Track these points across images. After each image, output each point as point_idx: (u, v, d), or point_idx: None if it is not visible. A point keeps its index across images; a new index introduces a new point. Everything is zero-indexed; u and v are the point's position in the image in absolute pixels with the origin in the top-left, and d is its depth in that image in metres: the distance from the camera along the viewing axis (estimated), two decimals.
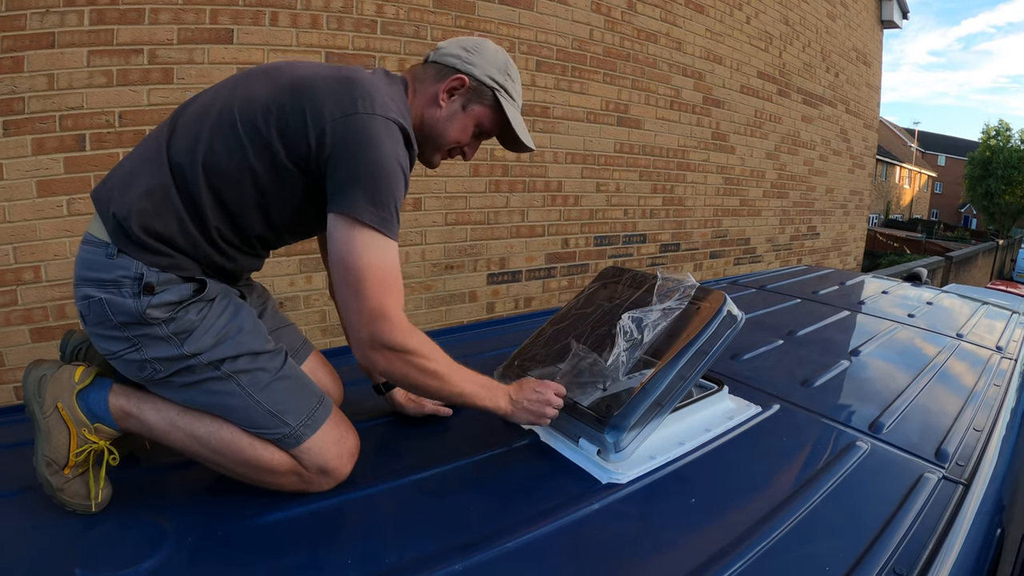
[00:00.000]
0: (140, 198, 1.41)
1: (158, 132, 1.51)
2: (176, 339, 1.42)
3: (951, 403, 2.10)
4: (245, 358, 1.48)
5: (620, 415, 1.61)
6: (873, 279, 4.44)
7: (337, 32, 3.93)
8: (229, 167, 1.44)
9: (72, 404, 1.44)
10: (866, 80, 10.20)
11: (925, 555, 1.28)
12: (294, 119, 1.42)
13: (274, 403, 1.48)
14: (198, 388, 1.46)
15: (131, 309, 1.39)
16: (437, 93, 1.63)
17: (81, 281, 1.43)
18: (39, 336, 3.25)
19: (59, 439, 1.41)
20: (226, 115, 1.45)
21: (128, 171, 1.47)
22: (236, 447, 1.46)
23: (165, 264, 1.42)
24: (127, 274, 1.39)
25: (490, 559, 1.25)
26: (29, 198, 3.10)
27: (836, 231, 10.13)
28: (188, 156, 1.44)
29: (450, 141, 1.69)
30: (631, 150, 5.88)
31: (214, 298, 1.49)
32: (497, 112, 1.69)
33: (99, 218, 1.45)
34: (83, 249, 1.45)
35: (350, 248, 1.39)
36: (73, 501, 1.39)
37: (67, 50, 3.11)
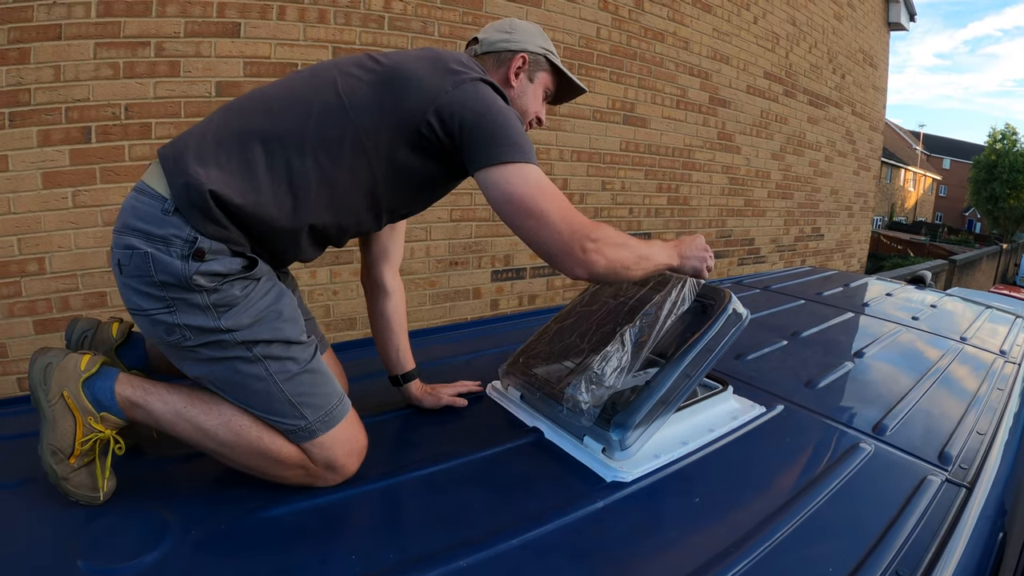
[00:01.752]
0: (222, 168, 1.40)
1: (243, 108, 1.52)
2: (214, 311, 1.40)
3: (954, 406, 2.10)
4: (278, 345, 1.47)
5: (625, 413, 1.61)
6: (877, 281, 4.44)
7: (344, 27, 3.93)
8: (341, 152, 1.49)
9: (78, 392, 1.42)
10: (872, 82, 10.18)
11: (928, 558, 1.28)
12: (409, 105, 1.50)
13: (297, 394, 1.48)
14: (223, 364, 1.45)
15: (177, 270, 1.36)
16: (507, 77, 1.78)
17: (127, 229, 1.40)
18: (43, 328, 3.25)
19: (65, 428, 1.40)
20: (332, 101, 1.50)
21: (211, 141, 1.44)
22: (245, 439, 1.46)
23: (219, 235, 1.39)
24: (180, 234, 1.36)
25: (494, 556, 1.26)
26: (34, 190, 3.11)
27: (840, 233, 10.12)
28: (295, 134, 1.47)
29: (532, 113, 1.85)
30: (637, 149, 5.88)
31: (260, 278, 1.48)
32: (554, 73, 1.86)
33: (162, 173, 1.41)
34: (135, 198, 1.43)
35: (513, 187, 1.47)
36: (78, 491, 1.39)
37: (74, 42, 3.11)
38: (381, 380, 2.01)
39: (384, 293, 1.98)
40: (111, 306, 3.39)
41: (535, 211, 1.46)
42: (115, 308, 3.39)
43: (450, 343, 2.63)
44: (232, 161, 1.42)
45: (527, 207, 1.46)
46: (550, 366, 1.92)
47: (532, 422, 1.84)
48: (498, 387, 2.06)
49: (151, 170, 1.45)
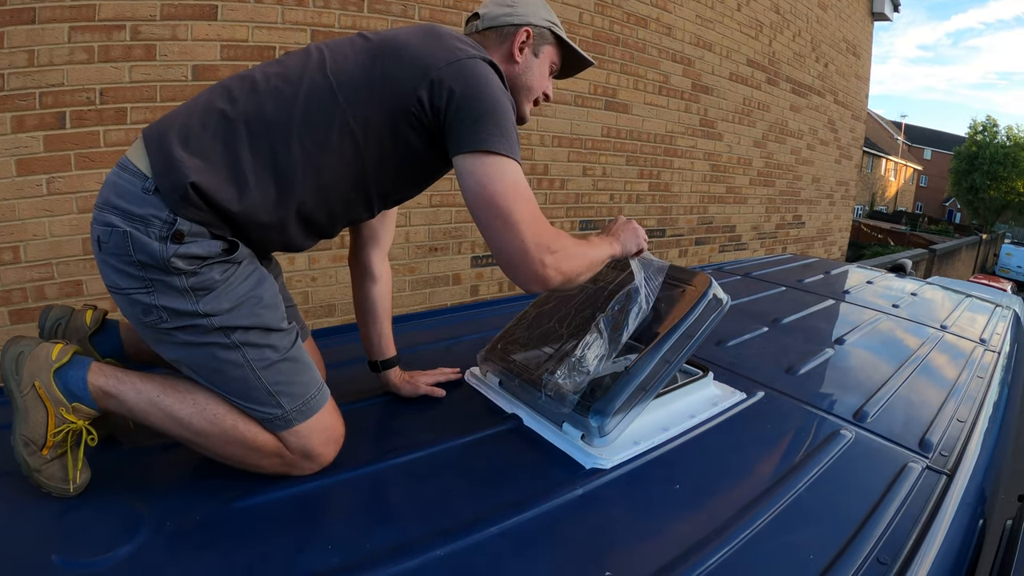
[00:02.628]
0: (205, 157, 1.37)
1: (230, 90, 1.46)
2: (193, 294, 1.37)
3: (935, 394, 2.10)
4: (257, 332, 1.44)
5: (605, 399, 1.60)
6: (858, 269, 4.46)
7: (323, 10, 3.88)
8: (328, 135, 1.44)
9: (49, 382, 1.38)
10: (855, 71, 10.21)
11: (909, 544, 1.28)
12: (399, 79, 1.45)
13: (275, 383, 1.45)
14: (201, 349, 1.42)
15: (154, 251, 1.33)
16: (511, 52, 1.70)
17: (107, 206, 1.37)
18: (18, 317, 3.20)
19: (37, 418, 1.37)
20: (319, 82, 1.46)
21: (196, 123, 1.40)
22: (220, 428, 1.44)
23: (199, 219, 1.35)
24: (159, 215, 1.33)
25: (473, 544, 1.24)
26: (8, 177, 3.05)
27: (821, 221, 10.16)
28: (281, 118, 1.42)
29: (538, 89, 1.78)
30: (618, 135, 5.86)
31: (241, 261, 1.45)
32: (559, 46, 1.80)
33: (145, 151, 1.38)
34: (117, 174, 1.39)
35: (489, 181, 1.42)
36: (51, 483, 1.36)
37: (48, 26, 3.05)
38: (360, 367, 1.99)
39: (371, 278, 1.95)
40: (88, 294, 3.34)
41: (505, 212, 1.42)
42: (92, 296, 3.35)
43: (429, 329, 2.62)
44: (216, 146, 1.38)
45: (498, 206, 1.42)
46: (529, 352, 1.90)
47: (511, 409, 1.82)
48: (477, 373, 2.04)
49: (135, 146, 1.41)
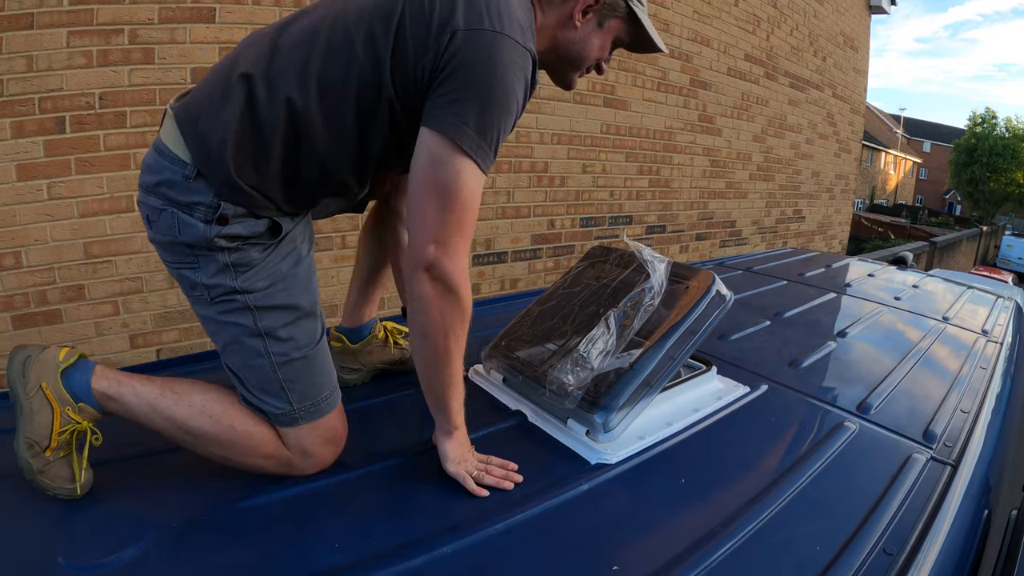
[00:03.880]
0: (233, 128, 1.32)
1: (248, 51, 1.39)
2: (233, 270, 1.39)
3: (938, 385, 2.10)
4: (286, 313, 1.45)
5: (609, 395, 1.60)
6: (859, 262, 4.46)
7: None
8: (340, 86, 1.34)
9: (57, 383, 1.39)
10: (853, 65, 10.21)
11: (914, 536, 1.28)
12: (415, 25, 1.30)
13: (289, 380, 1.45)
14: (232, 329, 1.43)
15: (199, 233, 1.34)
16: (571, 14, 1.49)
17: (151, 189, 1.38)
18: (20, 323, 3.21)
19: (42, 420, 1.36)
20: (339, 31, 1.34)
21: (219, 96, 1.35)
22: (218, 428, 1.44)
23: (243, 202, 1.36)
24: (203, 201, 1.34)
25: (479, 541, 1.25)
26: (8, 182, 3.05)
27: (822, 215, 10.16)
28: (299, 87, 1.33)
29: (591, 59, 1.59)
30: (617, 131, 5.86)
31: (281, 242, 1.45)
32: (632, 23, 1.56)
33: (179, 133, 1.35)
34: (155, 158, 1.38)
35: (444, 168, 1.30)
36: (55, 484, 1.36)
37: (46, 31, 3.05)
38: None
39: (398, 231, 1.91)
40: (89, 299, 3.35)
41: (438, 202, 1.32)
42: (94, 301, 3.37)
43: None
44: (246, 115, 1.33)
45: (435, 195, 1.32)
46: (532, 349, 1.90)
47: (515, 405, 1.82)
48: (480, 371, 2.04)
49: (169, 128, 1.38)
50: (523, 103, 1.38)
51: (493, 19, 1.29)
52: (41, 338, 3.25)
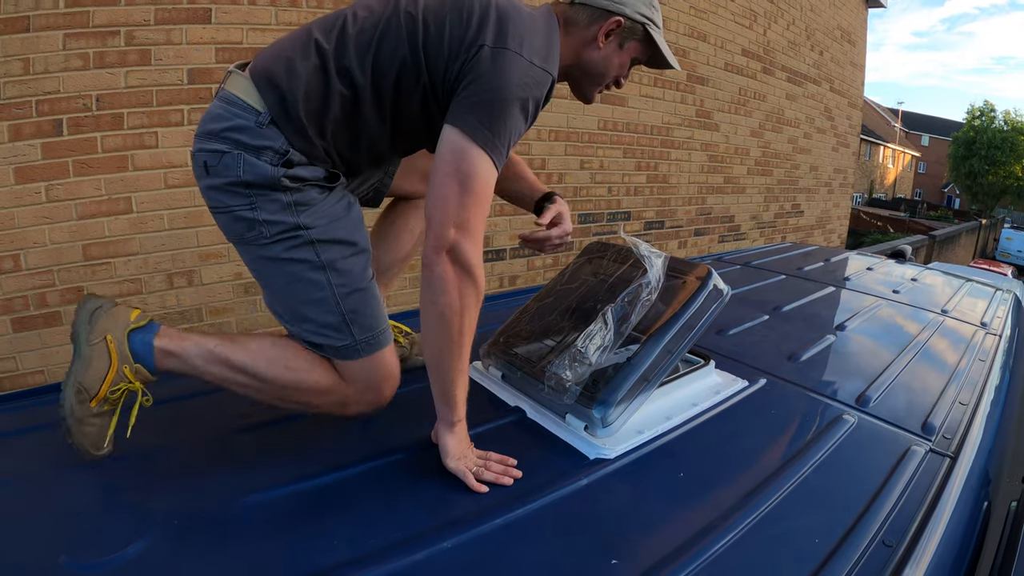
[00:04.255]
0: (307, 86, 1.48)
1: (324, 28, 1.55)
2: (294, 208, 1.52)
3: (937, 378, 2.11)
4: (345, 247, 1.59)
5: (607, 390, 1.60)
6: (858, 256, 4.46)
7: (317, 10, 3.88)
8: (387, 65, 1.51)
9: (122, 340, 1.52)
10: (850, 59, 10.20)
11: (913, 527, 1.28)
12: (454, 31, 1.48)
13: (351, 311, 1.57)
14: (292, 265, 1.55)
15: (266, 172, 1.48)
16: (595, 35, 1.66)
17: (215, 135, 1.49)
18: (20, 325, 3.21)
19: (98, 369, 1.48)
20: (394, 23, 1.51)
21: (297, 57, 1.51)
22: (276, 369, 1.58)
23: (307, 149, 1.51)
24: (273, 145, 1.48)
25: (479, 536, 1.25)
26: (7, 185, 3.05)
27: (820, 209, 10.16)
28: (360, 66, 1.50)
29: (610, 78, 1.76)
30: (615, 127, 5.86)
31: (335, 188, 1.61)
32: (648, 44, 1.73)
33: (254, 85, 1.50)
34: (223, 107, 1.52)
35: (465, 160, 1.43)
36: (84, 441, 1.46)
37: (42, 34, 3.05)
38: None
39: None
40: None
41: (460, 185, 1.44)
42: None
43: None
44: (318, 76, 1.50)
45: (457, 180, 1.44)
46: (531, 345, 1.91)
47: (514, 401, 1.83)
48: (479, 367, 2.04)
49: (237, 83, 1.52)
50: (533, 113, 1.53)
51: (516, 41, 1.46)
52: (41, 341, 3.26)
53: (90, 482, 1.45)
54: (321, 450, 1.62)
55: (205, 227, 3.62)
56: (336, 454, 1.56)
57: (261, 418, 1.76)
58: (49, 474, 1.47)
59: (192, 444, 1.61)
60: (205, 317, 3.75)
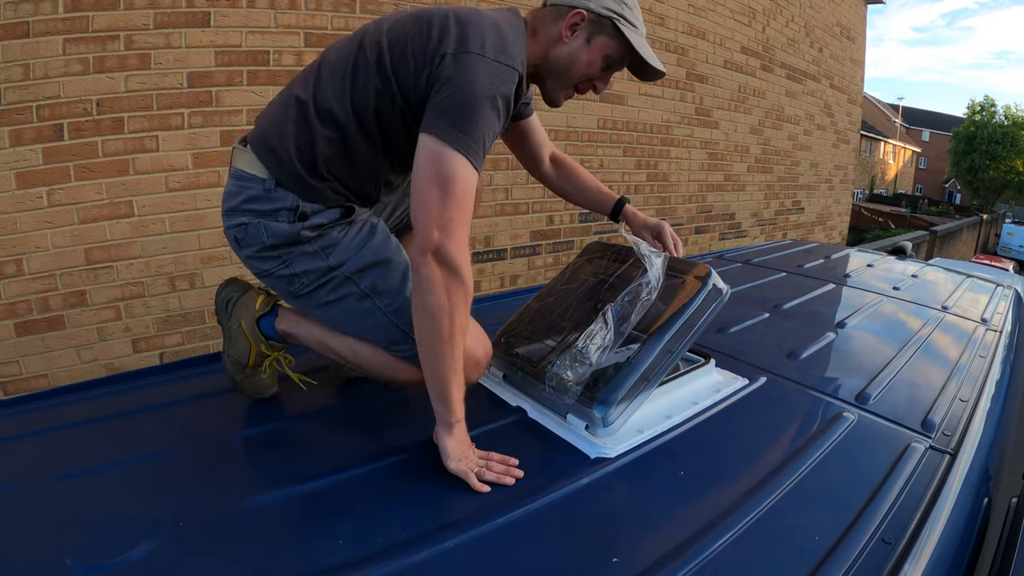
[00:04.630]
0: (297, 140, 1.61)
1: (302, 80, 1.68)
2: (323, 252, 1.66)
3: (937, 374, 2.11)
4: (380, 269, 1.70)
5: (608, 389, 1.61)
6: (858, 253, 4.46)
7: (316, 12, 3.89)
8: (362, 95, 1.60)
9: (253, 326, 1.84)
10: (850, 55, 10.20)
11: (913, 524, 1.29)
12: (416, 49, 1.53)
13: (408, 323, 1.62)
14: (341, 305, 1.71)
15: (286, 231, 1.64)
16: (560, 31, 1.67)
17: (235, 211, 1.67)
18: (24, 330, 3.22)
19: (242, 347, 1.83)
20: (362, 56, 1.60)
21: (281, 117, 1.65)
22: (374, 363, 1.77)
23: (317, 196, 1.65)
24: (285, 205, 1.63)
25: (481, 535, 1.26)
26: (8, 191, 3.05)
27: (821, 206, 10.16)
28: (340, 105, 1.61)
29: (578, 75, 1.74)
30: (614, 126, 5.86)
31: (354, 221, 1.72)
32: (620, 40, 1.69)
33: (255, 157, 1.65)
34: (236, 185, 1.68)
35: (442, 164, 1.45)
36: (252, 390, 1.87)
37: (42, 39, 3.05)
38: None
39: (556, 167, 2.25)
40: (91, 304, 3.36)
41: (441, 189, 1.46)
42: (96, 306, 3.38)
43: None
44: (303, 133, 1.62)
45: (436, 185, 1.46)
46: (532, 345, 1.92)
47: (515, 401, 1.84)
48: None
49: (240, 158, 1.68)
50: (505, 110, 1.55)
51: (477, 44, 1.50)
52: (44, 345, 3.27)
53: (95, 485, 1.45)
54: (326, 451, 1.63)
55: (206, 230, 3.63)
56: (340, 455, 1.57)
57: (266, 420, 1.78)
58: (54, 477, 1.46)
59: (197, 446, 1.61)
60: (207, 319, 3.76)
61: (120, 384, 2.03)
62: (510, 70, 1.52)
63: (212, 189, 3.62)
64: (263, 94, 3.73)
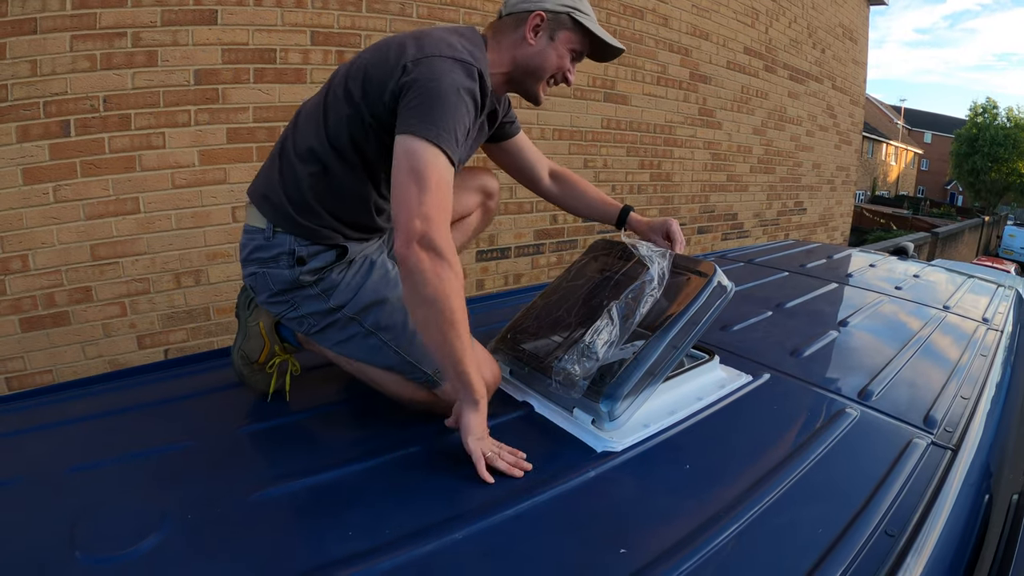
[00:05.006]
0: (284, 184, 1.72)
1: (283, 136, 1.81)
2: (324, 295, 1.74)
3: (938, 372, 2.12)
4: (380, 307, 1.75)
5: (614, 384, 1.62)
6: (860, 253, 4.46)
7: (322, 11, 3.91)
8: (336, 126, 1.68)
9: (271, 329, 1.92)
10: (852, 56, 10.20)
11: (915, 518, 1.29)
12: (378, 70, 1.61)
13: (414, 355, 1.72)
14: (351, 343, 1.76)
15: (286, 277, 1.73)
16: (523, 35, 1.78)
17: (246, 262, 1.79)
18: (28, 325, 3.23)
19: (255, 344, 1.90)
20: (332, 93, 1.70)
21: (269, 169, 1.79)
22: (384, 380, 1.78)
23: (313, 235, 1.73)
24: (283, 250, 1.72)
25: (489, 527, 1.27)
26: (15, 186, 3.07)
27: (823, 207, 10.17)
28: (317, 140, 1.70)
29: (550, 70, 1.83)
30: (618, 126, 5.88)
31: (352, 261, 1.79)
32: (579, 30, 1.82)
33: (256, 210, 1.77)
34: (243, 237, 1.80)
35: (415, 157, 1.49)
36: (256, 385, 1.89)
37: (50, 35, 3.07)
38: None
39: (557, 182, 2.31)
40: (96, 300, 3.38)
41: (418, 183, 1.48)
42: (101, 302, 3.40)
43: None
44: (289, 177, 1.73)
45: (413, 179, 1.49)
46: (538, 341, 1.93)
47: (522, 397, 1.85)
48: None
49: (247, 213, 1.81)
50: (472, 102, 1.61)
51: (435, 48, 1.59)
52: (49, 341, 3.28)
53: (102, 478, 1.46)
54: (334, 444, 1.65)
55: (212, 227, 3.65)
56: (348, 448, 1.59)
57: (274, 415, 1.79)
58: (60, 471, 1.47)
59: (205, 440, 1.63)
60: (213, 316, 3.77)
61: (125, 380, 2.04)
62: (470, 66, 1.59)
63: (218, 186, 3.64)
64: (269, 92, 3.75)
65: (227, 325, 3.81)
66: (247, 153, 3.70)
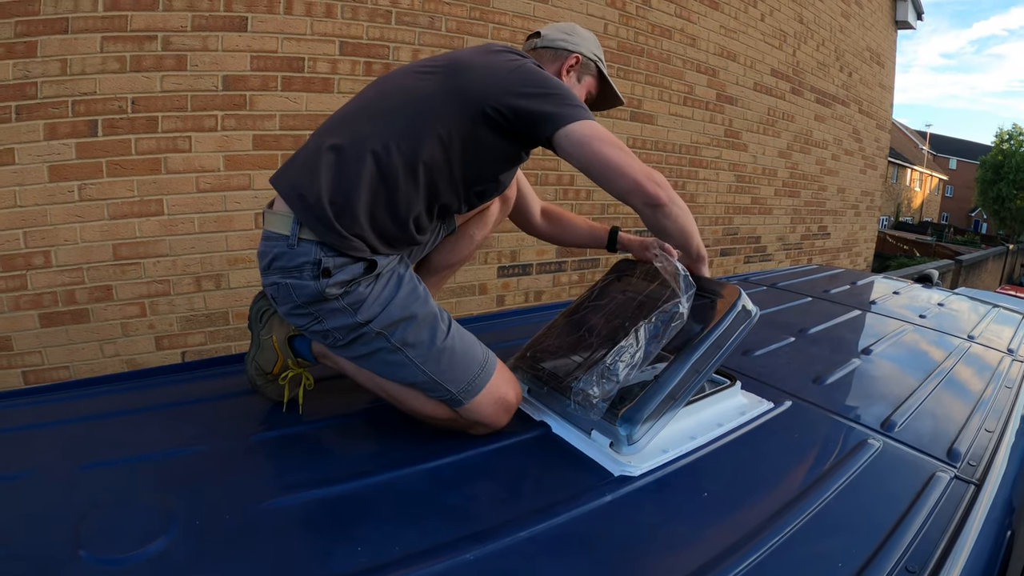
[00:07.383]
0: (327, 184, 1.62)
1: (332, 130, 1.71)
2: (351, 309, 1.66)
3: (962, 404, 2.09)
4: (409, 324, 1.69)
5: (634, 408, 1.61)
6: (884, 279, 4.43)
7: (352, 21, 3.92)
8: (412, 136, 1.66)
9: (284, 344, 1.92)
10: (879, 80, 10.17)
11: (937, 554, 1.27)
12: (469, 87, 1.67)
13: (439, 373, 1.69)
14: (374, 357, 1.71)
15: (312, 290, 1.63)
16: (559, 71, 1.99)
17: (268, 270, 1.71)
18: (48, 321, 3.26)
19: (268, 357, 1.91)
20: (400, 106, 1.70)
21: (314, 165, 1.65)
22: (404, 396, 1.76)
23: (343, 245, 1.63)
24: (307, 260, 1.63)
25: (502, 549, 1.25)
26: (40, 183, 3.11)
27: (847, 231, 10.12)
28: (381, 144, 1.64)
29: None
30: (644, 145, 5.86)
31: (380, 274, 1.71)
32: (599, 79, 2.09)
33: (278, 215, 1.68)
34: (264, 245, 1.72)
35: (587, 144, 1.66)
36: (270, 395, 1.92)
37: (81, 36, 3.11)
38: None
39: (548, 219, 2.45)
40: (116, 300, 3.40)
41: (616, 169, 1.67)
42: (121, 302, 3.41)
43: None
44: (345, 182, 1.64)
45: (607, 166, 1.67)
46: (558, 360, 1.91)
47: (539, 416, 1.83)
48: None
49: (267, 219, 1.72)
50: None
51: (518, 56, 1.76)
52: (68, 337, 3.30)
53: (113, 477, 1.46)
54: (347, 456, 1.64)
55: (234, 231, 3.66)
56: (361, 461, 1.58)
57: (288, 423, 1.79)
58: (71, 468, 1.48)
59: (217, 445, 1.63)
60: (232, 321, 3.78)
61: (141, 380, 2.06)
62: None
63: (242, 192, 3.65)
64: (296, 100, 3.76)
65: (245, 331, 3.80)
66: (272, 160, 3.71)
